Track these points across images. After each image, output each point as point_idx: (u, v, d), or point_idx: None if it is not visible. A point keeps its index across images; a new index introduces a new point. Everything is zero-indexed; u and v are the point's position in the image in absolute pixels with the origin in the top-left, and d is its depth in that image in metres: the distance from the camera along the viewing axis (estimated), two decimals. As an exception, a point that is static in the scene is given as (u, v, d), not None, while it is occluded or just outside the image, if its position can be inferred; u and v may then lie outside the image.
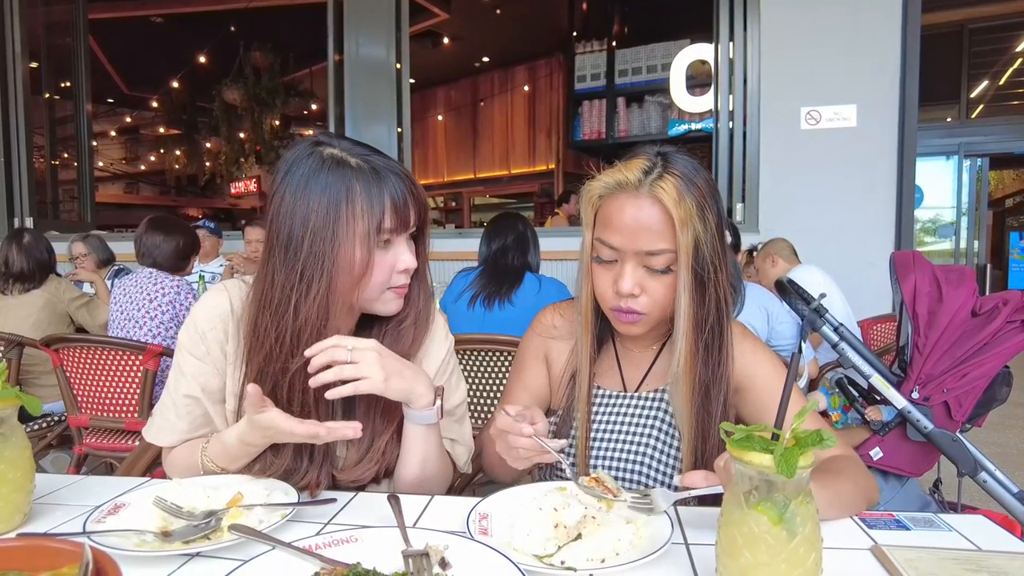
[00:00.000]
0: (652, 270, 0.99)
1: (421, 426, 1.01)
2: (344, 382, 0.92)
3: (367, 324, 1.09)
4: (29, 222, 5.25)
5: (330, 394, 0.92)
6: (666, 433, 1.08)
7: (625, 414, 1.12)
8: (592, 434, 1.11)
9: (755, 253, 3.71)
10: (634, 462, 1.08)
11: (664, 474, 1.07)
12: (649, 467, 1.07)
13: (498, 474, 1.16)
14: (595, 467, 1.11)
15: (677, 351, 1.01)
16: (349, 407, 1.06)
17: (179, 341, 1.08)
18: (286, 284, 0.96)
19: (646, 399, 1.12)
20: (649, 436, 1.09)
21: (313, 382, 0.92)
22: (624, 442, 1.10)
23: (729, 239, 1.09)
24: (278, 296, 0.97)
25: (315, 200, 0.94)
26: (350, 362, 0.92)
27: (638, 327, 1.04)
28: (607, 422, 1.12)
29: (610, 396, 1.14)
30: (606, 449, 1.10)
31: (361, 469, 1.04)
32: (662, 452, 1.08)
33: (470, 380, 2.30)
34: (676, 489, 0.88)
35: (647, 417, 1.11)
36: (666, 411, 1.10)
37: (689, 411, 1.03)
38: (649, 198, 0.97)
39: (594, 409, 1.14)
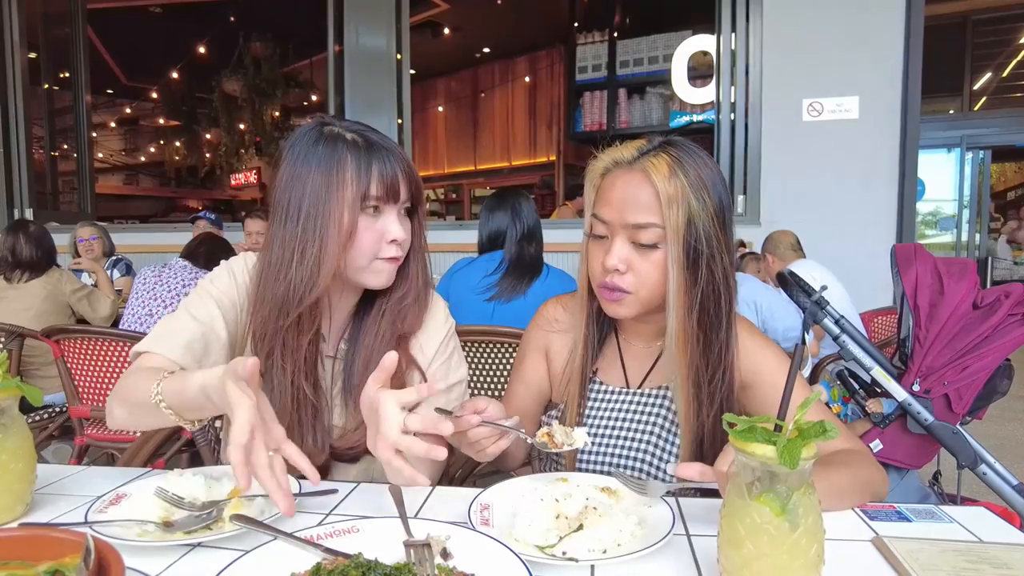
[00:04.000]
0: (640, 246, 0.99)
1: None
2: None
3: (368, 302, 1.11)
4: (29, 213, 5.24)
5: None
6: (667, 431, 1.08)
7: (627, 411, 1.11)
8: (592, 430, 1.10)
9: (743, 246, 3.70)
10: (634, 459, 1.08)
11: (662, 471, 1.07)
12: (649, 464, 1.07)
13: (497, 464, 1.17)
14: (587, 461, 1.11)
15: (670, 329, 1.00)
16: (347, 377, 1.08)
17: (211, 276, 1.09)
18: (285, 248, 1.01)
19: (648, 396, 1.11)
20: (651, 434, 1.08)
21: None
22: (624, 439, 1.09)
23: None
24: (278, 259, 1.01)
25: (311, 170, 1.01)
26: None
27: (624, 307, 1.03)
28: (608, 418, 1.11)
29: (612, 392, 1.13)
30: (606, 445, 1.10)
31: (359, 434, 1.04)
32: (662, 450, 1.07)
33: (475, 373, 2.29)
34: (671, 478, 0.88)
35: (649, 415, 1.10)
36: (668, 408, 1.09)
37: (686, 394, 1.02)
38: (640, 172, 0.98)
39: (596, 405, 1.13)
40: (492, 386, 2.30)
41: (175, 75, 10.53)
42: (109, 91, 11.19)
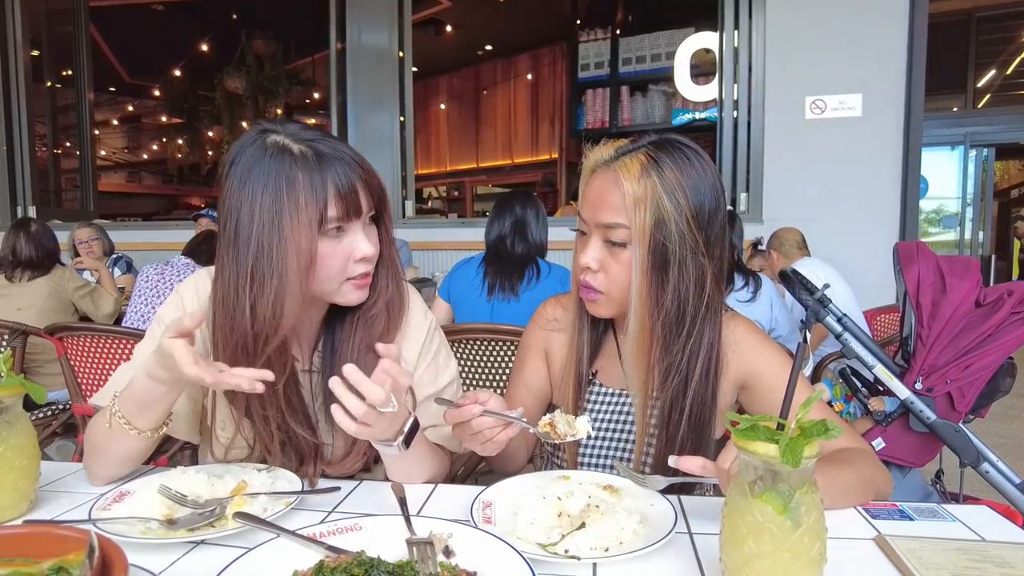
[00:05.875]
0: (613, 246, 0.99)
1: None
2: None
3: (339, 312, 1.04)
4: (32, 211, 5.26)
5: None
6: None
7: (626, 412, 1.11)
8: (592, 433, 1.09)
9: (759, 246, 3.69)
10: (633, 461, 1.07)
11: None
12: (649, 466, 1.06)
13: (499, 467, 1.16)
14: (588, 466, 1.11)
15: (630, 331, 1.00)
16: (326, 391, 0.99)
17: (159, 314, 1.05)
18: (238, 282, 0.91)
19: (648, 398, 1.11)
20: (652, 436, 1.08)
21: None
22: (625, 440, 1.09)
23: None
24: (231, 294, 0.92)
25: (258, 192, 0.90)
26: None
27: (599, 307, 1.04)
28: (608, 420, 1.11)
29: (611, 394, 1.13)
30: (606, 448, 1.10)
31: (349, 463, 1.04)
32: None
33: (475, 371, 2.29)
34: (672, 472, 0.88)
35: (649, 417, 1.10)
36: None
37: (642, 397, 1.03)
38: (612, 173, 0.98)
39: (595, 408, 1.13)
40: (492, 385, 2.30)
41: (177, 73, 10.53)
42: (111, 89, 11.18)
